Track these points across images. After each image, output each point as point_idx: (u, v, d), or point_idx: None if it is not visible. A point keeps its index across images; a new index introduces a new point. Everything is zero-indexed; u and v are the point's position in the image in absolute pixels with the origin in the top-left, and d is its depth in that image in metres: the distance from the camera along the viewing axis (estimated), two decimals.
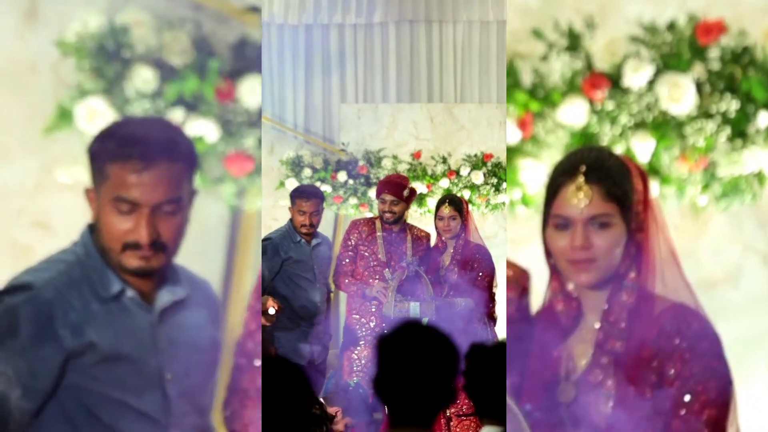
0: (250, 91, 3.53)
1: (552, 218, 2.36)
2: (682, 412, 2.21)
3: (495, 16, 7.96)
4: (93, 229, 2.49)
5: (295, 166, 7.53)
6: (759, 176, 3.52)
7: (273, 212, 7.47)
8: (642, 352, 2.27)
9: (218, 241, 3.70)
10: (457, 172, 7.55)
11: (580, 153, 2.41)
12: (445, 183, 7.52)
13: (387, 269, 5.54)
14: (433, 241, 5.79)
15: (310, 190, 5.64)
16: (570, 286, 2.41)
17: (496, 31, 8.01)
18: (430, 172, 7.60)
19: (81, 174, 3.38)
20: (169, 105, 3.51)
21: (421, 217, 7.47)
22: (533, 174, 3.56)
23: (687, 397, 2.21)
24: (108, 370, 2.43)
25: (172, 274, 2.59)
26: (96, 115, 3.48)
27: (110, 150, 2.37)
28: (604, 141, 3.46)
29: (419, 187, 7.35)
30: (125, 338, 2.46)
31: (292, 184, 7.32)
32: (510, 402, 2.44)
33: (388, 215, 5.54)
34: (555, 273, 2.44)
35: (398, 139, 7.80)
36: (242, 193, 3.63)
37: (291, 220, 5.60)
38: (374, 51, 8.06)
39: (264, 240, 5.40)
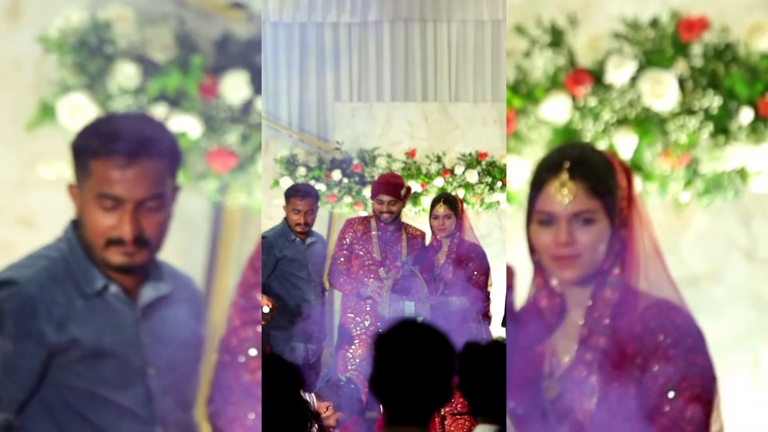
0: (232, 87, 3.53)
1: (536, 214, 2.35)
2: (666, 408, 2.19)
3: (490, 15, 7.96)
4: (76, 224, 2.49)
5: (290, 164, 7.53)
6: (741, 172, 3.51)
7: (268, 211, 7.48)
8: (626, 348, 2.26)
9: (200, 237, 3.71)
10: (452, 171, 7.55)
11: (563, 149, 2.40)
12: (439, 182, 7.52)
13: (382, 268, 5.54)
14: (428, 240, 5.78)
15: (304, 189, 5.65)
16: (554, 282, 2.40)
17: (491, 30, 8.01)
18: (424, 170, 7.59)
19: (64, 170, 3.39)
20: (152, 101, 3.51)
21: (415, 216, 7.47)
22: (516, 170, 3.56)
23: (671, 394, 2.19)
24: (91, 366, 2.43)
25: (156, 269, 2.59)
26: (78, 110, 3.48)
27: (93, 146, 2.37)
28: (587, 137, 3.46)
29: (414, 185, 7.35)
30: (109, 334, 2.45)
31: (286, 182, 7.32)
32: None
33: (386, 215, 5.53)
34: (539, 269, 2.43)
35: (393, 137, 7.79)
36: (225, 188, 3.63)
37: (286, 218, 5.61)
38: (369, 50, 8.06)
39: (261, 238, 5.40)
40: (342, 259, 5.64)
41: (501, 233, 7.77)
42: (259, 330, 2.72)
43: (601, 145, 3.42)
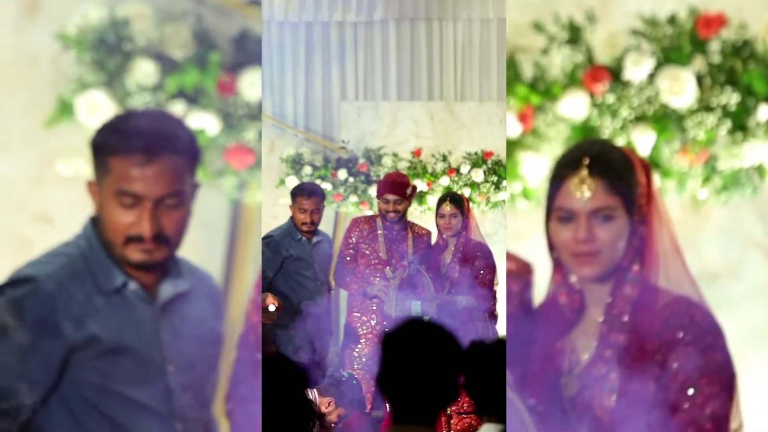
0: (250, 85, 3.53)
1: (555, 211, 2.35)
2: (686, 405, 2.20)
3: (495, 14, 7.97)
4: (95, 221, 2.49)
5: (296, 163, 7.54)
6: (759, 169, 3.52)
7: (273, 210, 7.48)
8: (645, 345, 2.26)
9: (219, 234, 3.70)
10: (458, 170, 7.56)
11: (583, 146, 2.41)
12: (445, 181, 7.53)
13: (388, 267, 5.55)
14: (434, 239, 5.79)
15: (310, 188, 5.65)
16: (573, 279, 2.41)
17: (497, 29, 8.03)
18: (430, 170, 7.60)
19: (81, 167, 3.40)
20: (170, 98, 3.51)
21: (421, 215, 7.47)
22: (534, 167, 3.56)
23: (690, 391, 2.20)
24: (110, 363, 2.43)
25: (175, 266, 2.59)
26: (96, 108, 3.48)
27: (113, 143, 2.36)
28: (605, 134, 3.47)
29: (419, 184, 7.36)
30: (128, 331, 2.45)
31: (292, 181, 7.33)
32: (513, 397, 2.44)
33: (392, 215, 5.54)
34: (558, 266, 2.43)
35: (398, 136, 7.80)
36: (243, 186, 3.63)
37: (292, 218, 5.61)
38: (374, 49, 8.07)
39: (265, 238, 5.40)
40: (348, 258, 5.65)
41: (507, 232, 7.77)
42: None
43: (619, 142, 3.42)
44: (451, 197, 5.62)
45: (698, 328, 2.25)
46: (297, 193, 5.57)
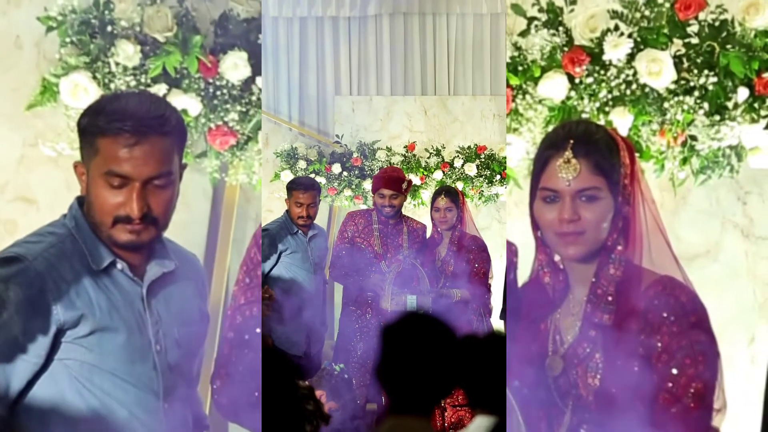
0: (232, 67, 3.55)
1: (540, 191, 2.36)
2: (669, 385, 2.20)
3: (489, 9, 8.00)
4: (82, 201, 2.50)
5: (290, 158, 7.55)
6: (737, 150, 3.52)
7: (268, 204, 7.50)
8: (629, 325, 2.26)
9: (201, 215, 3.72)
10: (451, 164, 7.56)
11: (568, 126, 2.41)
12: (438, 175, 7.53)
13: (383, 261, 5.55)
14: (428, 233, 5.79)
15: (306, 182, 5.65)
16: (556, 258, 2.42)
17: (490, 24, 8.04)
18: (423, 164, 7.61)
19: (65, 148, 3.42)
20: (153, 80, 3.53)
21: (414, 209, 7.49)
22: (513, 148, 3.57)
23: (674, 370, 2.20)
24: (99, 342, 2.43)
25: (161, 247, 2.60)
26: (80, 89, 3.50)
27: (101, 124, 2.37)
28: (584, 115, 3.47)
29: (413, 178, 7.36)
30: (116, 310, 2.46)
31: (287, 176, 7.34)
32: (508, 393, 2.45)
33: (388, 209, 5.55)
34: (542, 245, 2.44)
35: (392, 131, 7.82)
36: (225, 167, 3.65)
37: (287, 211, 5.61)
38: (368, 43, 8.09)
39: (261, 231, 5.41)
40: (344, 253, 5.66)
41: (500, 226, 7.79)
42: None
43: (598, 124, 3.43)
44: (446, 191, 5.63)
45: (682, 308, 2.24)
46: (293, 187, 5.57)
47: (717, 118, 3.44)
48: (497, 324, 5.87)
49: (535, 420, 2.46)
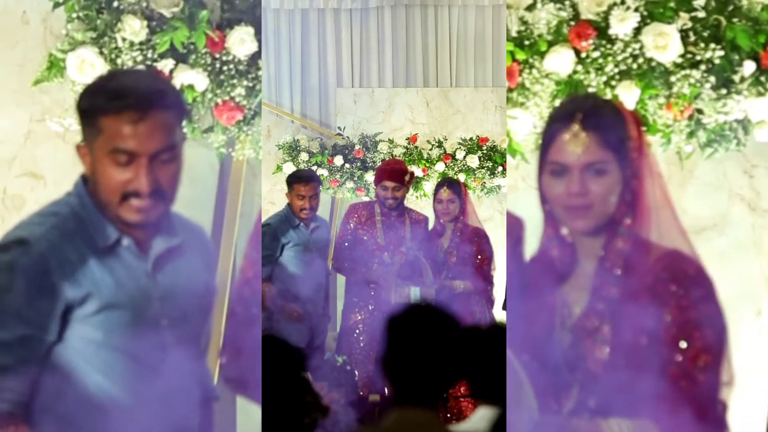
0: (239, 42, 3.55)
1: (548, 165, 2.36)
2: (678, 358, 2.20)
3: (491, 1, 8.02)
4: (86, 180, 2.50)
5: (292, 150, 7.56)
6: (744, 123, 3.52)
7: (270, 196, 7.51)
8: (638, 298, 2.26)
9: (208, 190, 3.72)
10: (453, 156, 7.58)
11: (576, 100, 2.41)
12: (440, 167, 7.55)
13: (386, 253, 5.55)
14: (431, 225, 5.80)
15: (307, 175, 5.65)
16: (564, 232, 2.42)
17: (492, 15, 8.06)
18: (425, 156, 7.63)
19: (72, 124, 3.42)
20: (160, 55, 3.53)
21: (417, 201, 7.50)
22: (519, 122, 3.58)
23: (683, 344, 2.21)
24: (106, 320, 2.43)
25: (167, 221, 2.60)
26: (86, 65, 3.50)
27: (101, 104, 2.37)
28: (590, 89, 3.47)
29: (415, 170, 7.38)
30: (122, 287, 2.46)
31: (289, 168, 7.36)
32: (511, 357, 2.45)
33: (391, 201, 5.55)
34: (550, 219, 2.43)
35: (394, 123, 7.84)
36: (232, 141, 3.65)
37: (288, 204, 5.61)
38: (370, 35, 8.11)
39: (262, 226, 5.41)
40: (346, 244, 5.66)
41: (502, 217, 7.80)
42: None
43: (605, 98, 3.43)
44: (449, 182, 5.64)
45: (690, 281, 2.24)
46: (294, 180, 5.56)
47: (723, 91, 3.45)
48: (500, 315, 5.87)
49: (542, 393, 2.45)
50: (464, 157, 7.55)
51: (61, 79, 3.56)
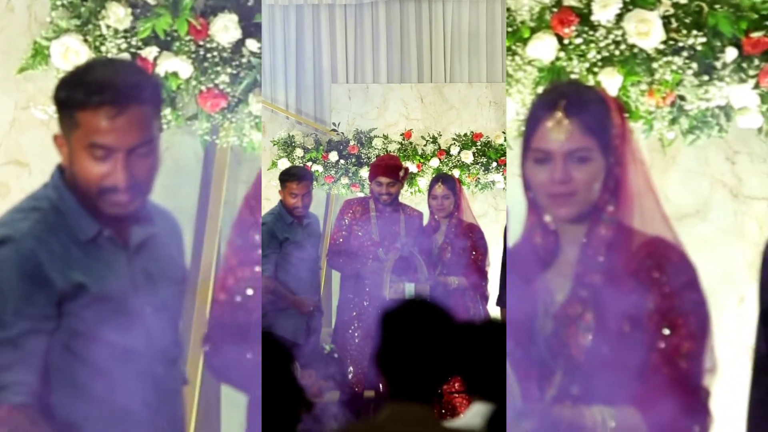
0: (223, 29, 3.56)
1: (531, 152, 2.35)
2: (661, 345, 2.18)
3: None
4: (63, 171, 2.50)
5: (287, 146, 7.57)
6: (726, 110, 3.53)
7: (265, 192, 7.50)
8: (621, 285, 2.25)
9: (192, 177, 3.73)
10: (447, 152, 7.58)
11: (559, 87, 2.39)
12: (435, 162, 7.55)
13: (381, 249, 5.54)
14: (425, 220, 5.80)
15: (299, 172, 5.60)
16: (547, 219, 2.42)
17: (486, 11, 8.06)
18: (420, 151, 7.63)
19: (56, 111, 3.42)
20: (143, 42, 3.54)
21: (411, 197, 7.50)
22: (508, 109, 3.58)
23: (666, 331, 2.19)
24: (95, 311, 2.43)
25: (144, 210, 2.61)
26: (71, 52, 3.51)
27: (79, 97, 2.35)
28: (573, 76, 3.48)
29: (409, 166, 7.37)
30: (107, 278, 2.46)
31: (284, 164, 7.36)
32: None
33: (385, 197, 5.52)
34: (533, 206, 2.42)
35: (389, 119, 7.84)
36: (216, 129, 3.66)
37: (281, 201, 5.60)
38: (364, 31, 8.12)
39: None
40: (341, 240, 5.64)
41: (497, 213, 7.80)
42: (257, 270, 2.71)
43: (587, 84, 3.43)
44: (444, 178, 5.63)
45: (673, 268, 2.23)
46: (286, 178, 5.53)
47: (705, 78, 3.46)
48: (494, 311, 5.87)
49: (525, 380, 2.45)
50: (459, 152, 7.55)
51: (46, 67, 3.57)
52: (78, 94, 2.35)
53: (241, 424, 2.66)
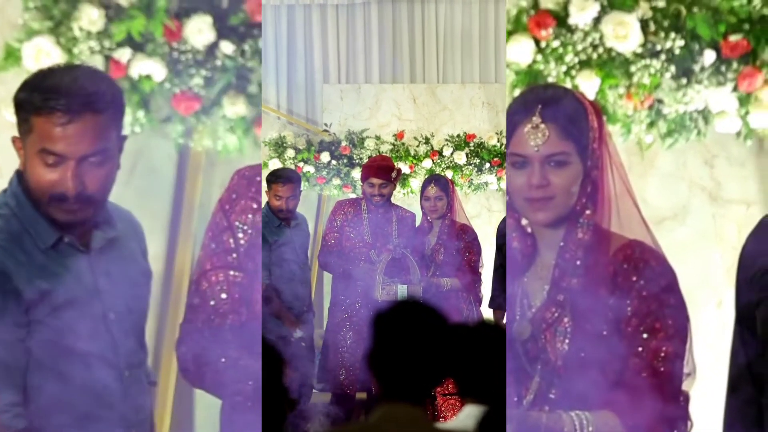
0: (197, 31, 3.53)
1: (509, 156, 2.35)
2: (639, 349, 2.18)
3: None
4: (21, 176, 2.48)
5: (278, 146, 7.56)
6: (704, 113, 3.51)
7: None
8: (599, 289, 2.24)
9: (166, 180, 3.71)
10: (440, 153, 7.57)
11: (535, 91, 2.39)
12: (427, 163, 7.54)
13: (373, 250, 5.54)
14: (418, 222, 5.78)
15: (285, 175, 5.55)
16: (524, 222, 2.41)
17: (479, 11, 8.05)
18: (412, 152, 7.62)
19: None
20: (116, 44, 3.51)
21: (404, 198, 7.49)
22: None
23: (644, 335, 2.19)
24: (60, 318, 2.43)
25: (104, 214, 2.59)
26: (43, 54, 3.48)
27: (35, 102, 2.35)
28: (550, 79, 3.46)
29: (402, 167, 7.37)
30: (70, 284, 2.45)
31: (275, 164, 7.35)
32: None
33: (377, 198, 5.52)
34: (510, 210, 2.42)
35: (381, 119, 7.84)
36: (189, 132, 3.63)
37: (268, 203, 5.58)
38: (356, 31, 8.12)
39: None
40: (333, 242, 5.64)
41: (490, 214, 7.78)
42: (232, 274, 2.68)
43: None
44: (436, 179, 5.63)
45: (652, 271, 2.22)
46: (272, 180, 5.49)
47: (684, 81, 3.44)
48: (487, 312, 5.86)
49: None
50: (451, 153, 7.54)
51: (18, 69, 3.54)
52: (35, 97, 2.34)
53: (215, 426, 2.65)
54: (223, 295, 2.66)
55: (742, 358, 2.73)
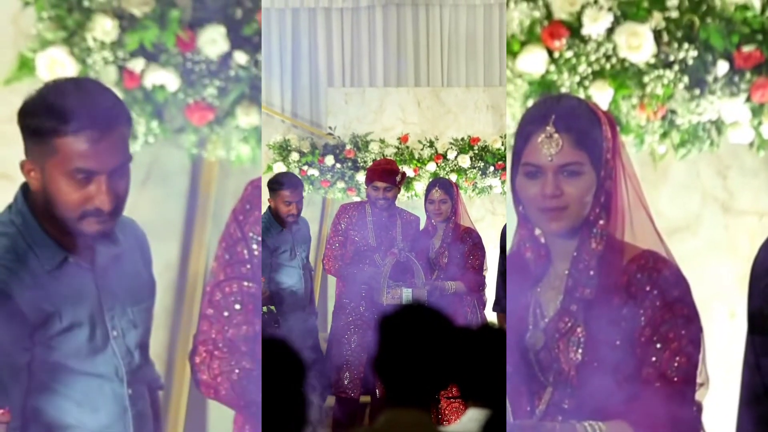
0: (210, 41, 3.53)
1: (522, 166, 2.35)
2: (653, 359, 2.20)
3: (482, 0, 8.00)
4: (27, 195, 2.48)
5: (283, 150, 7.56)
6: (717, 124, 3.51)
7: None
8: (611, 299, 2.26)
9: (179, 190, 3.71)
10: (444, 156, 7.58)
11: (549, 101, 2.40)
12: (432, 167, 7.55)
13: (377, 254, 5.54)
14: (422, 225, 5.78)
15: (292, 180, 5.58)
16: (537, 232, 2.41)
17: (483, 15, 8.06)
18: (417, 155, 7.62)
19: None
20: (130, 55, 3.51)
21: (408, 201, 7.49)
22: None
23: (658, 345, 2.20)
24: (64, 339, 2.43)
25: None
26: (57, 64, 3.48)
27: (57, 127, 2.34)
28: (563, 90, 3.46)
29: (406, 170, 7.37)
30: (75, 303, 2.45)
31: (279, 168, 7.35)
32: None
33: (382, 202, 5.53)
34: (523, 221, 2.43)
35: (385, 123, 7.84)
36: (203, 142, 3.64)
37: (270, 209, 5.58)
38: (361, 35, 8.12)
39: None
40: (337, 245, 5.64)
41: (494, 217, 7.79)
42: (246, 285, 2.68)
43: None
44: (441, 183, 5.63)
45: (665, 282, 2.24)
46: (278, 187, 5.50)
47: (697, 92, 3.44)
48: (491, 316, 5.86)
49: (516, 395, 2.45)
50: (456, 157, 7.55)
51: (32, 79, 3.54)
52: (52, 122, 2.33)
53: None
54: (237, 306, 2.66)
55: (755, 368, 2.74)
